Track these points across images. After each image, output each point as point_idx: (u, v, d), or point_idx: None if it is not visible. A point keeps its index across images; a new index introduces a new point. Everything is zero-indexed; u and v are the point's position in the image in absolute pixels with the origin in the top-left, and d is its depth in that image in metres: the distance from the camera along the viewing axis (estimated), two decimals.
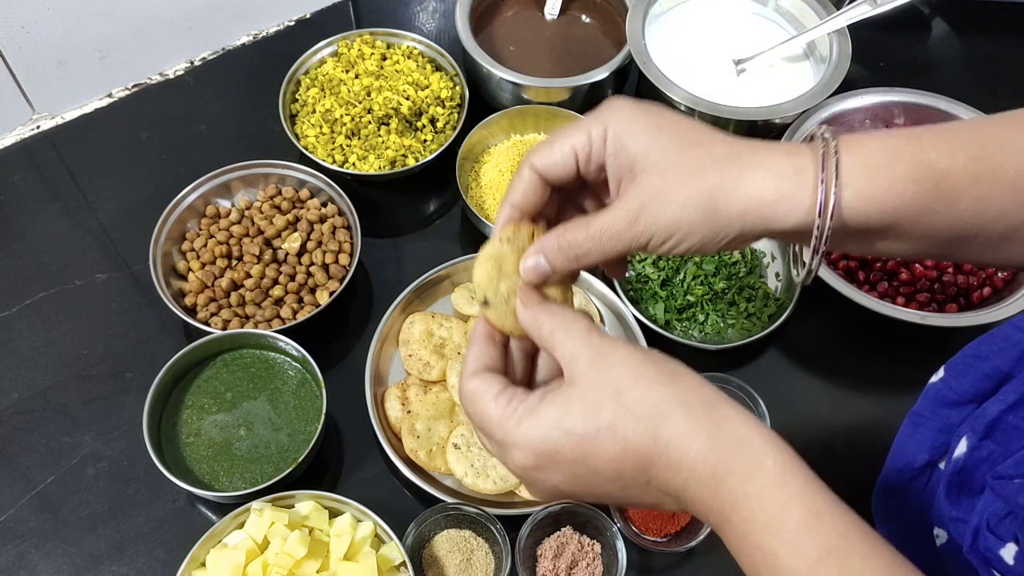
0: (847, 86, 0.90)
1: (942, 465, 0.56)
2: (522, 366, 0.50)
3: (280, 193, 0.90)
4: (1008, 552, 0.47)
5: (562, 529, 0.74)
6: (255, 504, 0.70)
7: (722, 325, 0.85)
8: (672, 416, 0.42)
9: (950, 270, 0.85)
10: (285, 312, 0.82)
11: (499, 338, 0.48)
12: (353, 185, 0.90)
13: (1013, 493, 0.47)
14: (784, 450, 0.42)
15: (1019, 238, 0.48)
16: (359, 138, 0.91)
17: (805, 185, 0.44)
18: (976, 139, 0.47)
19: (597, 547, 0.73)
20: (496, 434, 0.45)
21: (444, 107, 0.94)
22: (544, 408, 0.43)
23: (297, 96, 0.95)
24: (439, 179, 0.93)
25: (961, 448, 0.54)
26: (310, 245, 0.86)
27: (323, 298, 0.83)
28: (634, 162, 0.45)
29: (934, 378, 0.58)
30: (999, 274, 0.85)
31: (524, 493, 0.76)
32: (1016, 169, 0.46)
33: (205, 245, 0.85)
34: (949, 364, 0.57)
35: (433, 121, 0.94)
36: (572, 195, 0.52)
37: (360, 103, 0.92)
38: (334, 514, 0.72)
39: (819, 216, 0.44)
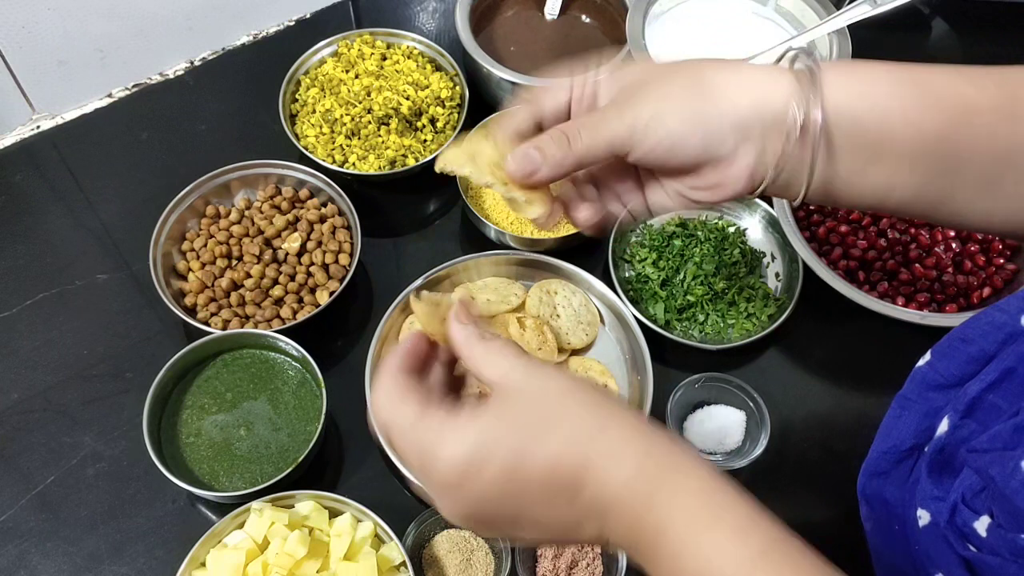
0: None
1: (926, 449, 0.57)
2: (445, 381, 0.49)
3: (280, 193, 0.90)
4: (982, 524, 0.48)
5: None
6: (255, 504, 0.70)
7: (722, 325, 0.85)
8: (606, 433, 0.42)
9: (950, 270, 0.86)
10: (285, 312, 0.82)
11: (424, 349, 0.48)
12: (353, 185, 0.90)
13: (985, 465, 0.47)
14: (713, 469, 0.42)
15: (1013, 169, 0.48)
16: (359, 138, 0.91)
17: (786, 78, 0.46)
18: (953, 70, 0.48)
19: (597, 547, 0.73)
20: (422, 442, 0.43)
21: (444, 107, 0.94)
22: (476, 418, 0.42)
23: (297, 96, 0.95)
24: (439, 179, 0.92)
25: (943, 427, 0.54)
26: (310, 245, 0.86)
27: (323, 298, 0.83)
28: (638, 74, 0.49)
29: (921, 362, 0.58)
30: (999, 274, 0.85)
31: None
32: (995, 87, 0.47)
33: (205, 245, 0.85)
34: (935, 348, 0.57)
35: (433, 121, 0.94)
36: (611, 182, 0.53)
37: (360, 103, 0.92)
38: (334, 514, 0.72)
39: (800, 107, 0.45)
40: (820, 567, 0.40)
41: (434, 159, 0.90)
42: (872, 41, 1.05)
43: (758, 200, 0.90)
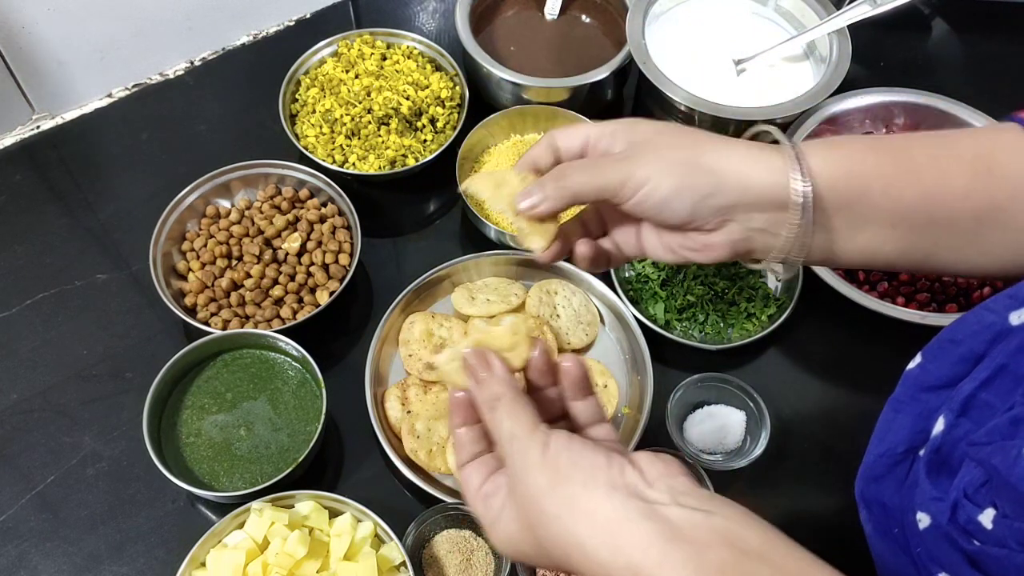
0: (847, 86, 0.90)
1: (922, 452, 0.57)
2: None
3: (280, 193, 0.90)
4: (986, 517, 0.48)
5: None
6: (255, 504, 0.70)
7: (722, 325, 0.85)
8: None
9: None
10: (285, 312, 0.82)
11: (472, 416, 0.50)
12: (353, 185, 0.90)
13: (987, 456, 0.48)
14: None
15: (993, 223, 0.52)
16: (359, 138, 0.91)
17: (774, 157, 0.51)
18: (932, 139, 0.53)
19: None
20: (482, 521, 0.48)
21: (444, 107, 0.94)
22: (504, 517, 0.46)
23: (297, 96, 0.95)
24: (439, 179, 0.93)
25: (938, 427, 0.54)
26: (310, 245, 0.86)
27: (323, 298, 0.83)
28: (646, 134, 0.53)
29: (911, 364, 0.59)
30: None
31: None
32: (971, 152, 0.51)
33: (205, 245, 0.85)
34: (925, 350, 0.58)
35: (433, 121, 0.94)
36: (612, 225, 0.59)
37: (360, 103, 0.92)
38: (334, 514, 0.72)
39: (795, 182, 0.50)
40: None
41: (434, 159, 0.90)
42: (872, 41, 1.06)
43: None
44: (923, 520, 0.53)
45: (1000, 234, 0.53)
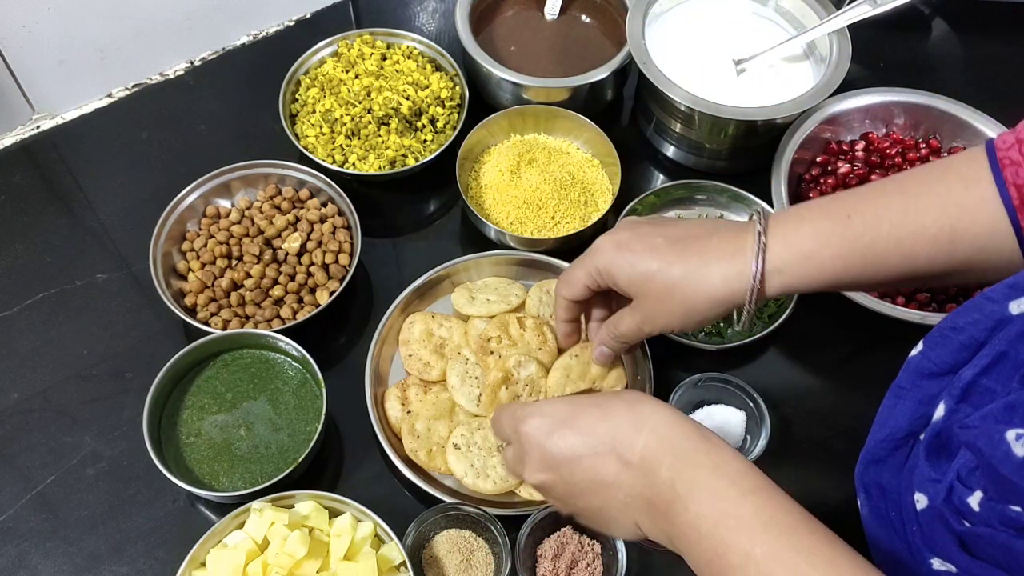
0: (847, 86, 0.90)
1: (922, 436, 0.58)
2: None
3: (280, 193, 0.90)
4: (975, 499, 0.50)
5: (562, 529, 0.74)
6: (255, 504, 0.70)
7: (722, 325, 0.85)
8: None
9: None
10: (285, 312, 0.82)
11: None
12: (353, 185, 0.90)
13: (973, 438, 0.49)
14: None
15: (958, 273, 0.58)
16: (359, 138, 0.91)
17: (747, 280, 0.59)
18: (901, 204, 0.57)
19: (597, 547, 0.73)
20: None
21: (444, 107, 0.94)
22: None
23: (297, 96, 0.95)
24: (439, 179, 0.93)
25: (939, 413, 0.56)
26: (310, 245, 0.86)
27: (323, 298, 0.83)
28: (628, 289, 0.64)
29: (914, 351, 0.61)
30: None
31: (524, 493, 0.76)
32: (936, 225, 0.56)
33: (205, 245, 0.85)
34: (927, 337, 0.60)
35: (433, 121, 0.94)
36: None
37: (360, 103, 0.92)
38: (334, 514, 0.72)
39: (748, 304, 0.59)
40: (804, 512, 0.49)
41: (434, 159, 0.90)
42: (872, 41, 1.06)
43: (755, 198, 0.90)
44: (921, 501, 0.55)
45: (962, 278, 0.60)
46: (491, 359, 0.79)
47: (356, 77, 0.94)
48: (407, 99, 0.92)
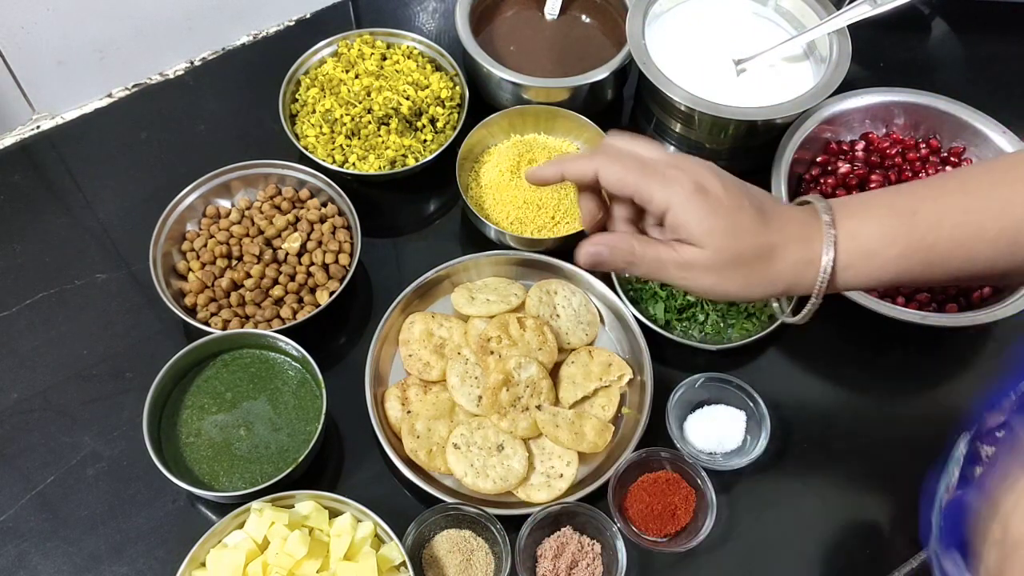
0: (847, 86, 0.90)
1: None
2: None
3: (280, 193, 0.90)
4: None
5: (562, 529, 0.74)
6: (255, 504, 0.70)
7: (722, 325, 0.85)
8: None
9: None
10: (285, 312, 0.82)
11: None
12: (353, 185, 0.90)
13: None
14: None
15: (1015, 273, 0.57)
16: (359, 138, 0.91)
17: (814, 272, 0.57)
18: (963, 203, 0.56)
19: (597, 547, 0.73)
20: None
21: (444, 107, 0.94)
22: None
23: (297, 96, 0.95)
24: (439, 179, 0.93)
25: None
26: (310, 245, 0.86)
27: (323, 298, 0.83)
28: (690, 237, 0.56)
29: None
30: None
31: (524, 493, 0.76)
32: (997, 226, 0.55)
33: (205, 245, 0.85)
34: None
35: (433, 121, 0.94)
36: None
37: (360, 103, 0.92)
38: (334, 514, 0.72)
39: (815, 297, 0.58)
40: None
41: (434, 159, 0.90)
42: (872, 41, 1.06)
43: None
44: None
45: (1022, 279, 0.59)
46: (491, 359, 0.79)
47: (356, 77, 0.94)
48: (407, 99, 0.92)
